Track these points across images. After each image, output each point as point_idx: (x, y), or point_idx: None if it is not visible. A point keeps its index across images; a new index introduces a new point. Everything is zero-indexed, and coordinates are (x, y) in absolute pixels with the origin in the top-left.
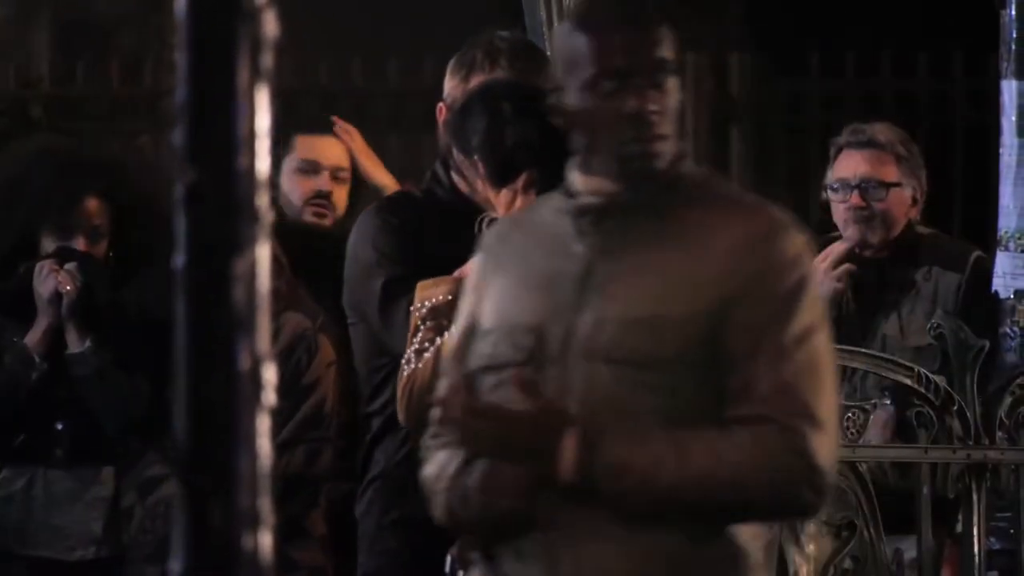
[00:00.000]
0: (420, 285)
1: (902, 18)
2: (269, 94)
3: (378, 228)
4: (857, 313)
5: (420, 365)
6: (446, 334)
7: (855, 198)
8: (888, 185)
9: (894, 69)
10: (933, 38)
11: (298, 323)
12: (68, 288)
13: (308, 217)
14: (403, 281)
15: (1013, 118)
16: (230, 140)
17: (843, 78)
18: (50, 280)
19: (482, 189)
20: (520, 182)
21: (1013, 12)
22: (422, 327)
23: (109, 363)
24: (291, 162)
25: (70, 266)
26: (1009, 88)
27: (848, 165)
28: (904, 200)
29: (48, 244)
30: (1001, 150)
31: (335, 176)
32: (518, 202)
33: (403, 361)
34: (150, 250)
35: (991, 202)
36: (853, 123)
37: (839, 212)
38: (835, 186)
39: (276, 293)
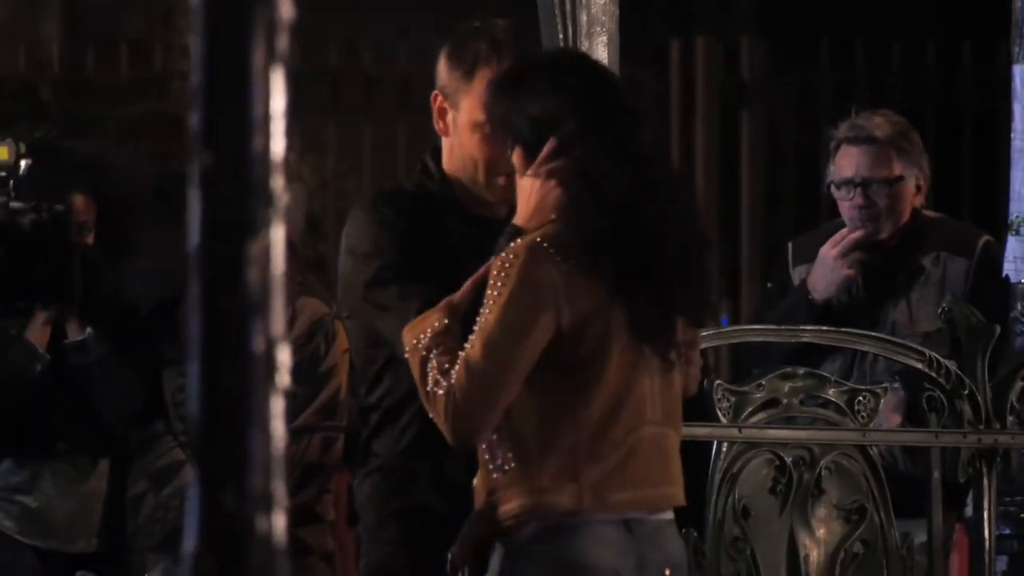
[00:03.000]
0: (407, 328)
1: (912, 7)
2: (284, 77)
3: (371, 221)
4: (866, 300)
5: (454, 380)
6: (461, 354)
7: (858, 198)
8: (891, 182)
9: (904, 57)
10: (942, 27)
11: (316, 309)
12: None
13: None
14: (394, 268)
15: None
16: (245, 122)
17: (853, 66)
18: None
19: (515, 161)
20: (543, 154)
21: None
22: (432, 356)
23: (109, 351)
24: None
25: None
26: (1021, 73)
27: (849, 164)
28: (908, 192)
29: None
30: (1012, 135)
31: None
32: (535, 184)
33: (431, 390)
34: (134, 244)
35: (1001, 189)
36: (852, 115)
37: (845, 209)
38: (838, 184)
39: (289, 277)
